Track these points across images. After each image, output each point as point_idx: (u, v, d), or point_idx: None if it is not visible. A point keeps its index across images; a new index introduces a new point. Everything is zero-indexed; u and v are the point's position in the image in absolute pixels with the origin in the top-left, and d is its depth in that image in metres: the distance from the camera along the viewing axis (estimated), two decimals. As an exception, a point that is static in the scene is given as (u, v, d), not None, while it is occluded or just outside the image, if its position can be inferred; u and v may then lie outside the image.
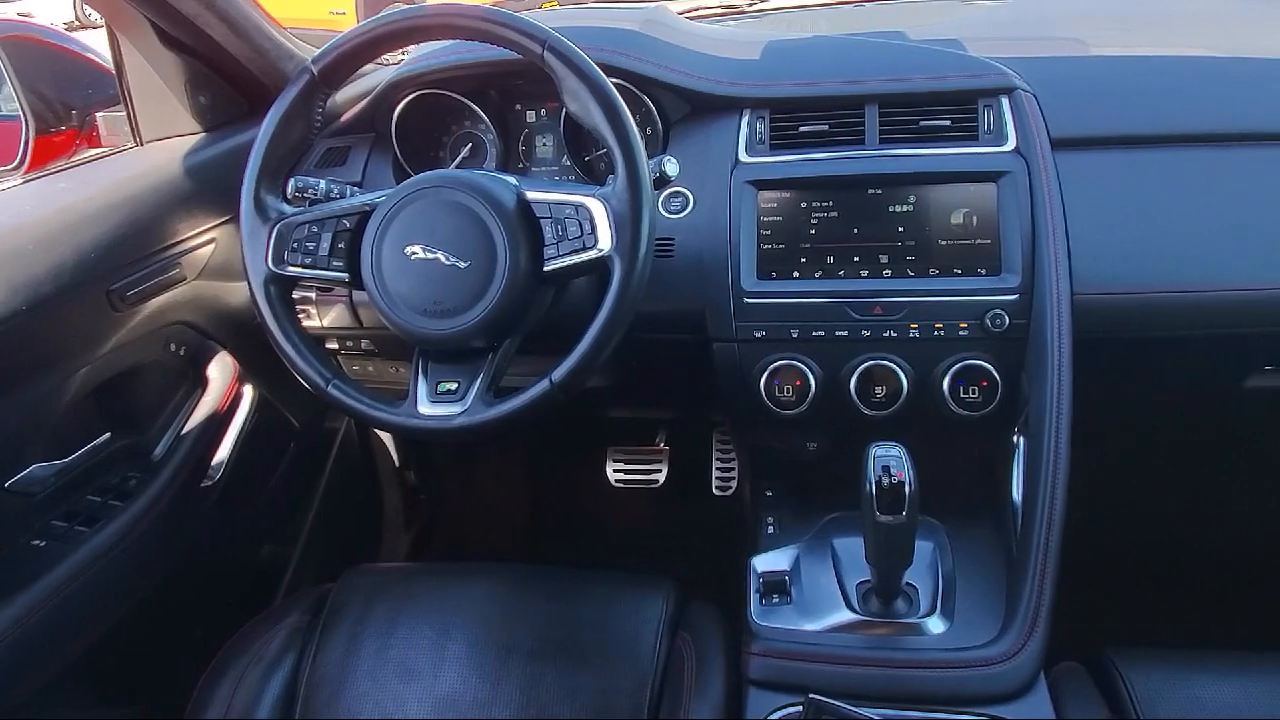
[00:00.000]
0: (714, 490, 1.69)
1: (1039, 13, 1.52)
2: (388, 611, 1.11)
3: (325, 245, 0.99)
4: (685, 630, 1.06)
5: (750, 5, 1.61)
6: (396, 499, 1.84)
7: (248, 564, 1.53)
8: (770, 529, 1.17)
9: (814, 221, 1.11)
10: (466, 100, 1.26)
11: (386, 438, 1.80)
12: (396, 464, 1.83)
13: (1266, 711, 0.90)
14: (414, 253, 0.95)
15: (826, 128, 1.15)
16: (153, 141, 1.29)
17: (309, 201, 1.08)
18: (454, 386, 0.97)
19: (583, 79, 0.92)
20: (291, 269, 1.00)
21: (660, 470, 1.75)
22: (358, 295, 1.21)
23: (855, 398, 1.08)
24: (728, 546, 1.31)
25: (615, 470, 1.77)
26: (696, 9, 1.58)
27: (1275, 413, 1.27)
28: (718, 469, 1.70)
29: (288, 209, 1.02)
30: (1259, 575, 1.61)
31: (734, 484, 1.67)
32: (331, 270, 0.99)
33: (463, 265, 0.94)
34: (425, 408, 0.97)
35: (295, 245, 1.00)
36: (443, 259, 0.94)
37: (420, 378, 0.99)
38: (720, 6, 1.61)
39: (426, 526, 1.93)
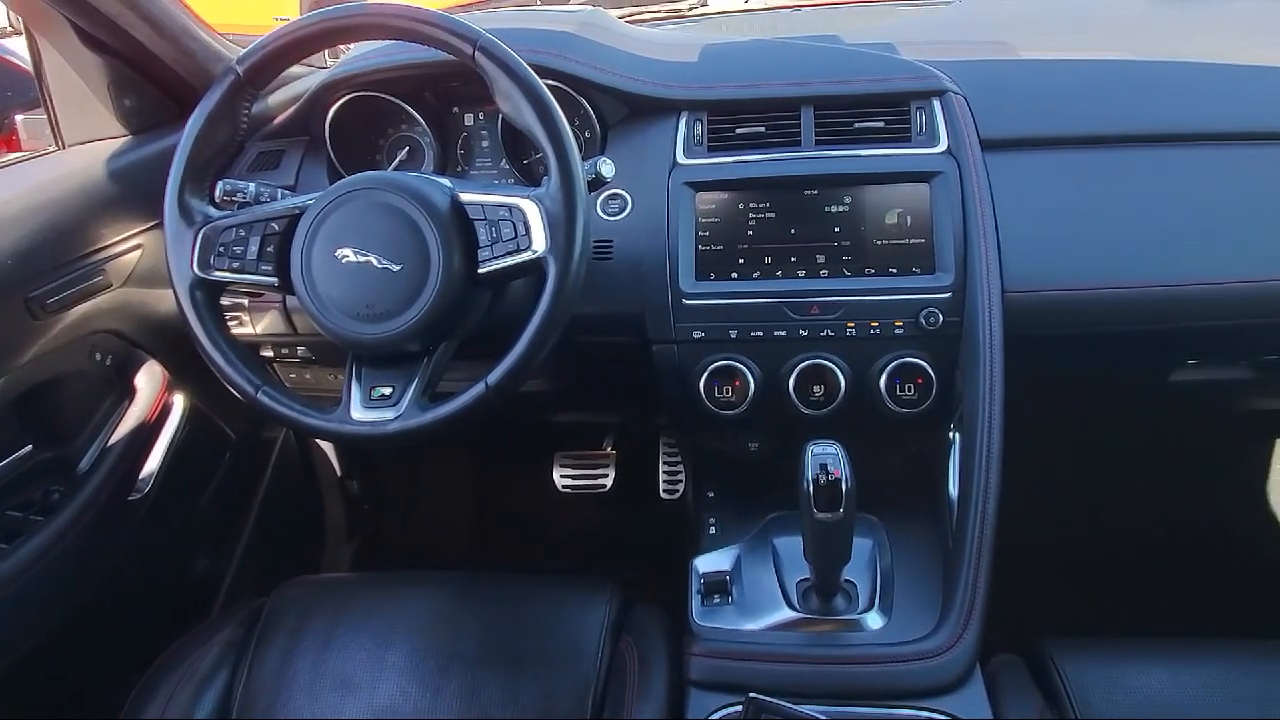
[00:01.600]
0: (662, 494, 1.69)
1: (970, 18, 1.55)
2: (325, 623, 1.09)
3: (253, 249, 0.97)
4: (629, 633, 1.06)
5: (690, 9, 1.62)
6: (339, 509, 1.81)
7: (182, 579, 1.49)
8: (712, 529, 1.17)
9: (751, 222, 1.12)
10: (402, 103, 1.24)
11: (328, 447, 1.77)
12: (339, 474, 1.79)
13: (1190, 695, 0.92)
14: (345, 256, 0.94)
15: (763, 129, 1.16)
16: (75, 145, 1.25)
17: (238, 205, 1.06)
18: (388, 391, 0.96)
19: (514, 79, 0.91)
20: (218, 274, 0.97)
21: (607, 475, 1.74)
22: (291, 301, 1.18)
23: (794, 397, 1.09)
24: (674, 549, 1.31)
25: (562, 476, 1.76)
26: (636, 13, 1.58)
27: (1199, 406, 1.31)
28: (665, 472, 1.70)
29: (214, 212, 1.00)
30: (1186, 564, 1.66)
31: (681, 487, 1.67)
32: (260, 274, 0.97)
33: (395, 268, 0.93)
34: (359, 413, 0.95)
35: (222, 249, 0.97)
36: (375, 262, 0.93)
37: (354, 383, 0.97)
38: (660, 11, 1.62)
39: (371, 537, 1.89)
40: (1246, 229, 1.09)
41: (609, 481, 1.74)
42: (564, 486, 1.75)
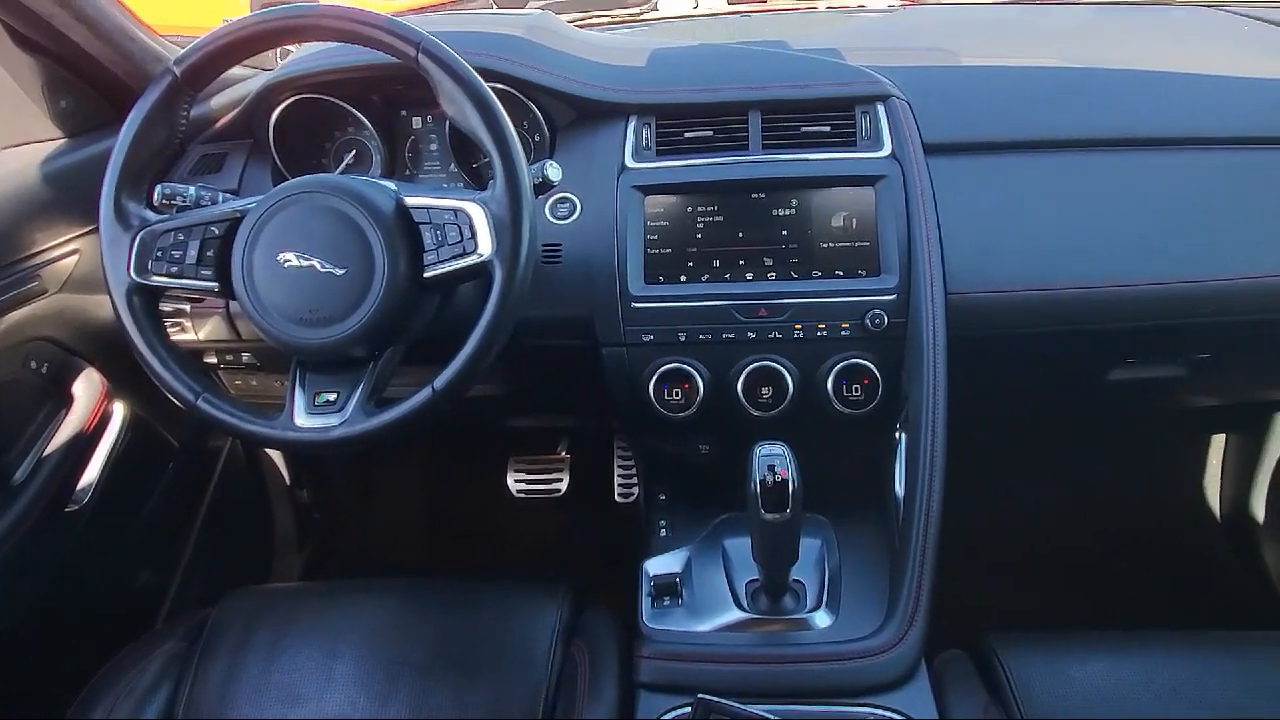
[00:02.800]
0: (616, 497, 1.68)
1: (914, 25, 1.58)
2: (271, 633, 1.07)
3: (193, 253, 0.95)
4: (580, 637, 1.06)
5: (639, 15, 1.63)
6: (288, 519, 1.78)
7: (124, 591, 1.45)
8: (663, 532, 1.17)
9: (700, 226, 1.12)
10: (348, 106, 1.23)
11: (277, 456, 1.74)
12: (288, 482, 1.77)
13: (1129, 684, 0.95)
14: (287, 260, 0.92)
15: (711, 134, 1.17)
16: (8, 148, 1.22)
17: (177, 209, 1.04)
18: (333, 397, 0.95)
19: (458, 81, 0.91)
20: (156, 279, 0.96)
21: (562, 479, 1.74)
22: (234, 306, 1.17)
23: (743, 399, 1.10)
24: (627, 552, 1.31)
25: (516, 480, 1.75)
26: (585, 18, 1.59)
27: (1136, 403, 1.35)
28: (620, 476, 1.70)
29: (151, 216, 0.98)
30: (1126, 557, 1.71)
31: (636, 490, 1.67)
32: (200, 279, 0.96)
33: (339, 272, 0.92)
34: (302, 419, 0.94)
35: (160, 254, 0.95)
36: (318, 266, 0.92)
37: (298, 389, 0.96)
38: (610, 16, 1.62)
39: (322, 546, 1.87)
40: (1179, 232, 1.12)
41: (563, 485, 1.73)
42: (518, 491, 1.74)
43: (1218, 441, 1.75)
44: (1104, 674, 0.97)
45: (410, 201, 0.94)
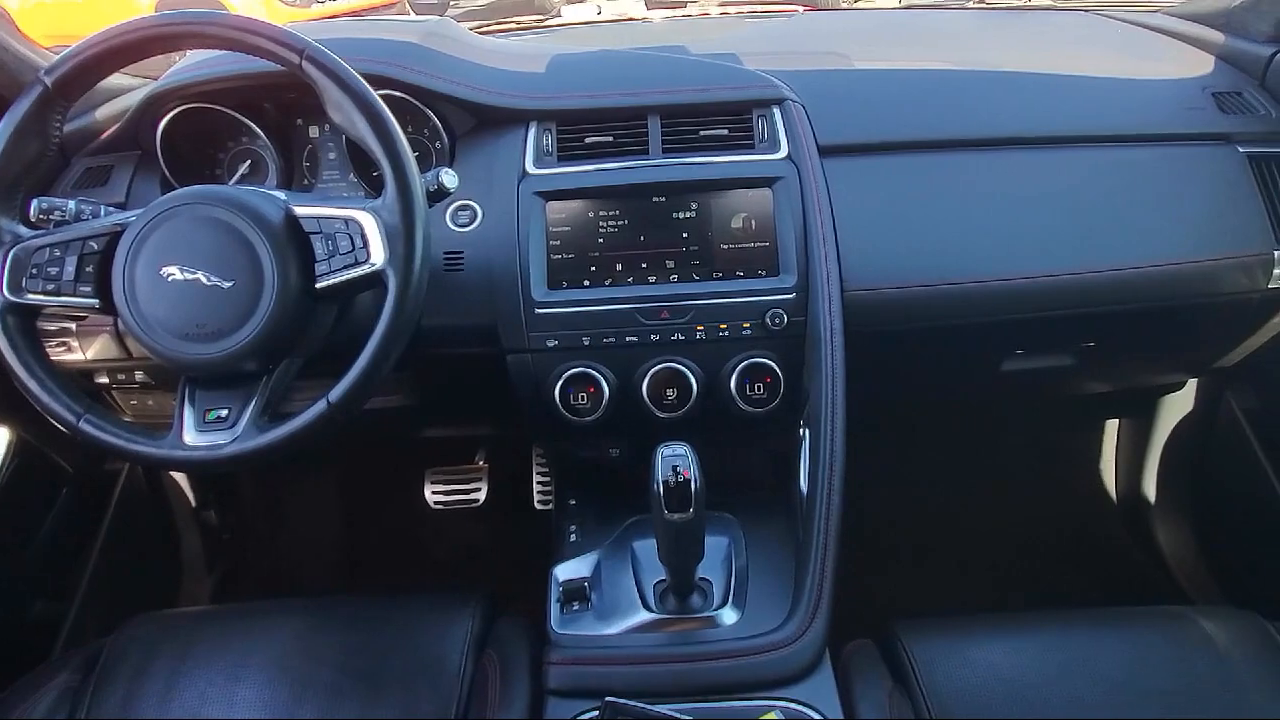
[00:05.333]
0: (536, 504, 1.67)
1: (810, 30, 1.62)
2: (171, 660, 1.03)
3: (70, 269, 0.92)
4: (492, 647, 1.05)
5: (542, 22, 1.63)
6: (195, 541, 1.72)
7: (16, 624, 1.38)
8: (573, 536, 1.17)
9: (602, 230, 1.13)
10: (239, 115, 1.20)
11: (181, 477, 1.68)
12: (194, 504, 1.71)
13: (1025, 664, 0.98)
14: (171, 274, 0.90)
15: (611, 139, 1.17)
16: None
17: (55, 224, 1.00)
18: (225, 413, 0.93)
19: (344, 89, 0.90)
20: (31, 296, 0.92)
21: (480, 489, 1.72)
22: (123, 324, 1.12)
23: (648, 401, 1.11)
24: (544, 559, 1.30)
25: (434, 492, 1.72)
26: (486, 25, 1.58)
27: (1030, 392, 1.40)
28: (538, 483, 1.69)
29: (25, 231, 0.94)
30: (1028, 542, 1.77)
31: (554, 497, 1.67)
32: (79, 296, 0.92)
33: (226, 285, 0.90)
34: (191, 437, 0.91)
35: (35, 270, 0.92)
36: (204, 279, 0.90)
37: (186, 406, 0.93)
38: (512, 23, 1.62)
39: (232, 568, 1.81)
40: (1060, 226, 1.17)
41: (482, 495, 1.71)
42: (436, 503, 1.72)
43: (1111, 426, 1.83)
44: (1003, 655, 1.00)
45: (300, 211, 0.92)
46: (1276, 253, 1.18)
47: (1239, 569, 1.55)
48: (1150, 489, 1.72)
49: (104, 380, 1.24)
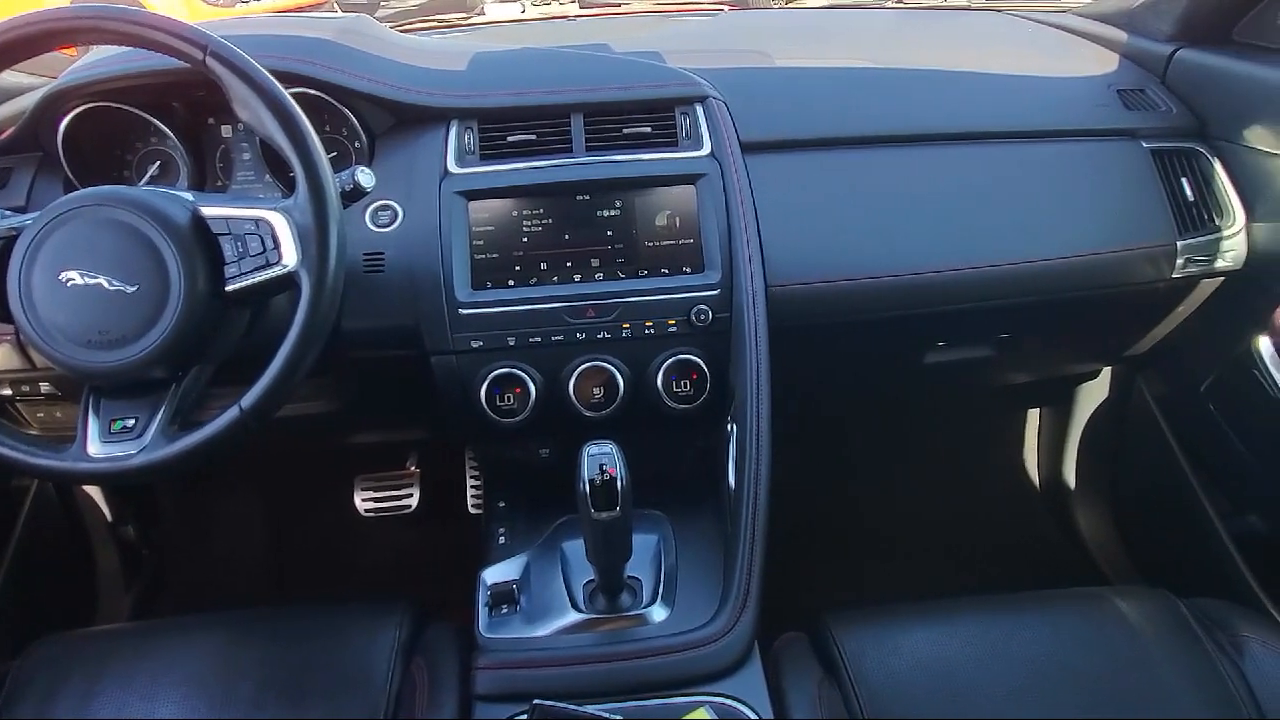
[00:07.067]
0: (470, 509, 1.65)
1: (733, 28, 1.63)
2: (83, 682, 0.99)
3: None
4: (420, 654, 1.03)
5: (465, 19, 1.61)
6: (112, 558, 1.65)
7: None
8: (502, 539, 1.16)
9: (526, 229, 1.12)
10: (145, 114, 1.15)
11: (95, 491, 1.62)
12: (110, 519, 1.64)
13: (950, 649, 1.00)
14: (71, 279, 0.86)
15: (535, 137, 1.16)
16: None
17: None
18: (131, 423, 0.89)
19: (250, 84, 0.87)
20: None
21: (412, 495, 1.69)
22: (21, 332, 1.07)
23: (575, 400, 1.10)
24: (476, 564, 1.29)
25: (364, 500, 1.69)
26: (408, 23, 1.55)
27: (951, 384, 1.43)
28: (472, 487, 1.67)
29: None
30: (956, 530, 1.81)
31: None
32: None
33: (130, 290, 0.86)
34: (96, 448, 0.88)
35: None
36: (105, 284, 0.86)
37: (90, 416, 0.90)
38: (434, 20, 1.59)
39: (153, 584, 1.75)
40: (976, 220, 1.20)
41: (414, 501, 1.69)
42: (366, 510, 1.69)
43: (1033, 416, 1.89)
44: (929, 642, 1.02)
45: (207, 212, 0.89)
46: (1179, 243, 1.23)
47: (1153, 549, 1.61)
48: (1070, 475, 1.78)
49: (7, 392, 1.18)
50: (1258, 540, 1.36)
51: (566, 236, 1.12)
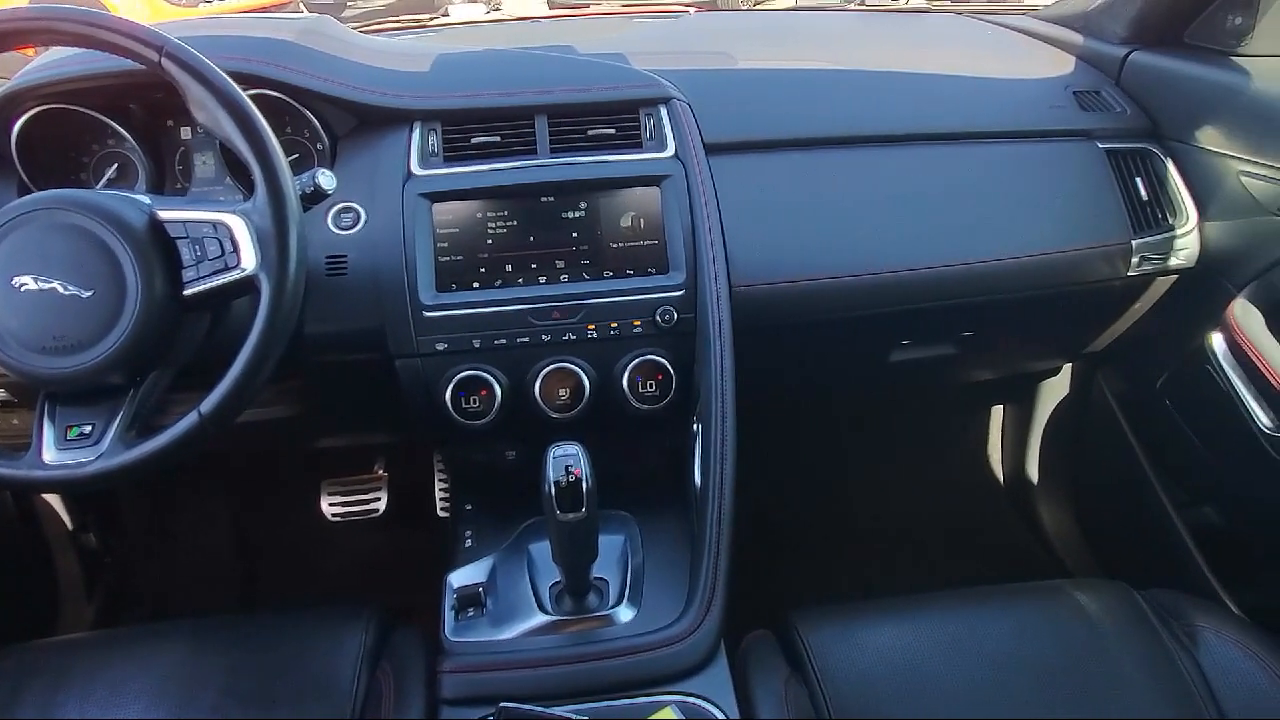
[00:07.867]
0: (439, 512, 1.65)
1: (697, 30, 1.64)
2: (42, 693, 0.98)
3: None
4: (387, 659, 1.03)
5: (429, 20, 1.60)
6: (73, 566, 1.63)
7: None
8: (468, 542, 1.16)
9: (490, 231, 1.12)
10: (102, 116, 1.14)
11: (55, 498, 1.59)
12: (70, 527, 1.62)
13: (914, 644, 1.01)
14: (24, 284, 0.85)
15: (499, 139, 1.16)
16: None
17: None
18: (88, 429, 0.88)
19: (207, 86, 0.86)
20: None
21: (380, 499, 1.68)
22: None
23: (540, 402, 1.10)
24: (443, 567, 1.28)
25: (331, 504, 1.67)
26: (372, 24, 1.54)
27: (915, 383, 1.45)
28: (440, 490, 1.66)
29: None
30: (922, 526, 1.83)
31: None
32: None
33: (86, 295, 0.85)
34: (51, 455, 0.86)
35: None
36: (60, 289, 0.85)
37: (45, 422, 0.88)
38: (399, 22, 1.59)
39: (117, 593, 1.72)
40: (937, 220, 1.22)
41: (382, 505, 1.67)
42: (333, 515, 1.67)
43: (996, 413, 1.91)
44: (893, 637, 1.03)
45: (164, 215, 0.88)
46: (1134, 242, 1.25)
47: (1112, 542, 1.64)
48: (1033, 470, 1.80)
49: None
50: (1212, 532, 1.39)
51: (531, 238, 1.12)
